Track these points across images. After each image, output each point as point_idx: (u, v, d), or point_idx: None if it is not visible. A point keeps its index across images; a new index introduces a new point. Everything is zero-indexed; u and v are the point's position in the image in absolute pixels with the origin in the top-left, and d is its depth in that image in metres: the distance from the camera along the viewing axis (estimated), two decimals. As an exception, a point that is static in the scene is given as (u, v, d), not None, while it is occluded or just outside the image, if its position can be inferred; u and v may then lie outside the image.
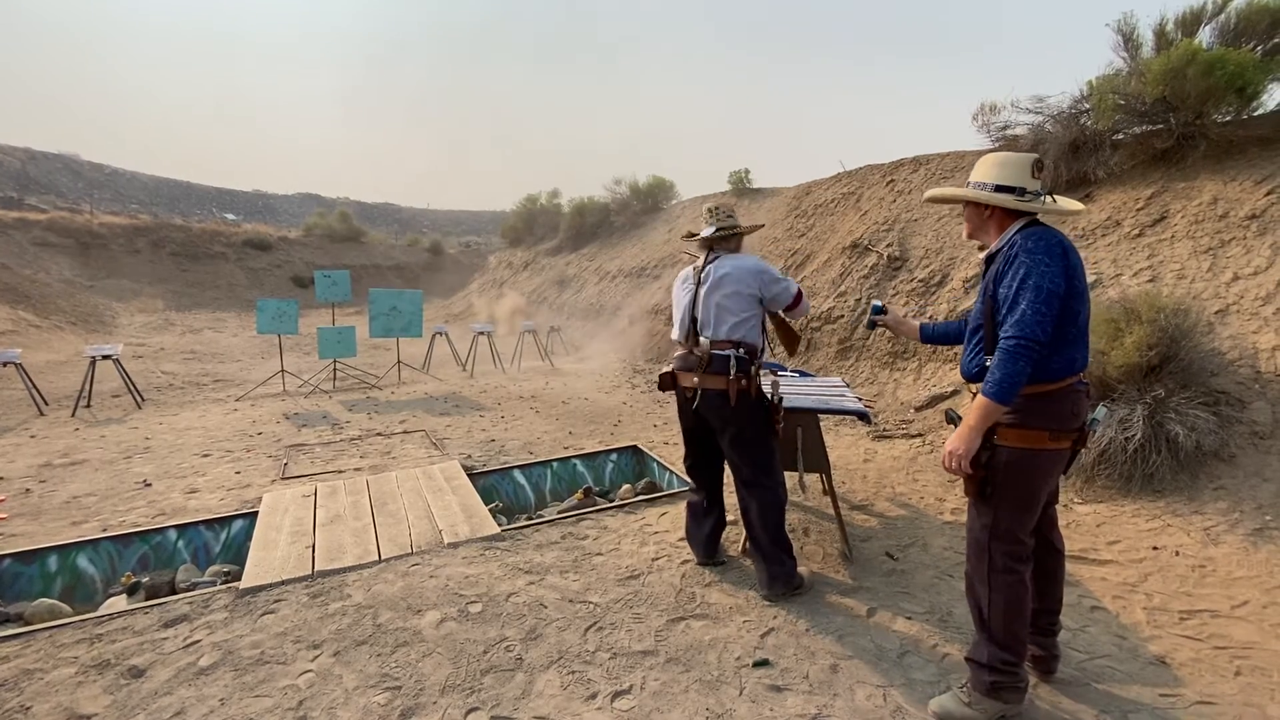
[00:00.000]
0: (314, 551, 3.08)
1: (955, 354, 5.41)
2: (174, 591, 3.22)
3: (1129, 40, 5.66)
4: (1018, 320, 1.66)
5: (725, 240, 2.67)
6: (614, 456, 4.81)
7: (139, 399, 7.03)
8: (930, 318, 5.86)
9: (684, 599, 2.69)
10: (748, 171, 11.78)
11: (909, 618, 2.51)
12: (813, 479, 4.05)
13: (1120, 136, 5.50)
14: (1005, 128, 6.35)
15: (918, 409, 5.12)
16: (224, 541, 3.59)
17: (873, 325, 2.57)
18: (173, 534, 3.51)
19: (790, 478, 4.07)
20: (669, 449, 4.98)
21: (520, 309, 13.92)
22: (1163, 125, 5.16)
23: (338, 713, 2.01)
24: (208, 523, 3.61)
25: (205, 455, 5.01)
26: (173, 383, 8.49)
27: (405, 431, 5.71)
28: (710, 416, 2.59)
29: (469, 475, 4.18)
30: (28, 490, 4.23)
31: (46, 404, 6.81)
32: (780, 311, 2.69)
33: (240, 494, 4.06)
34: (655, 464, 4.65)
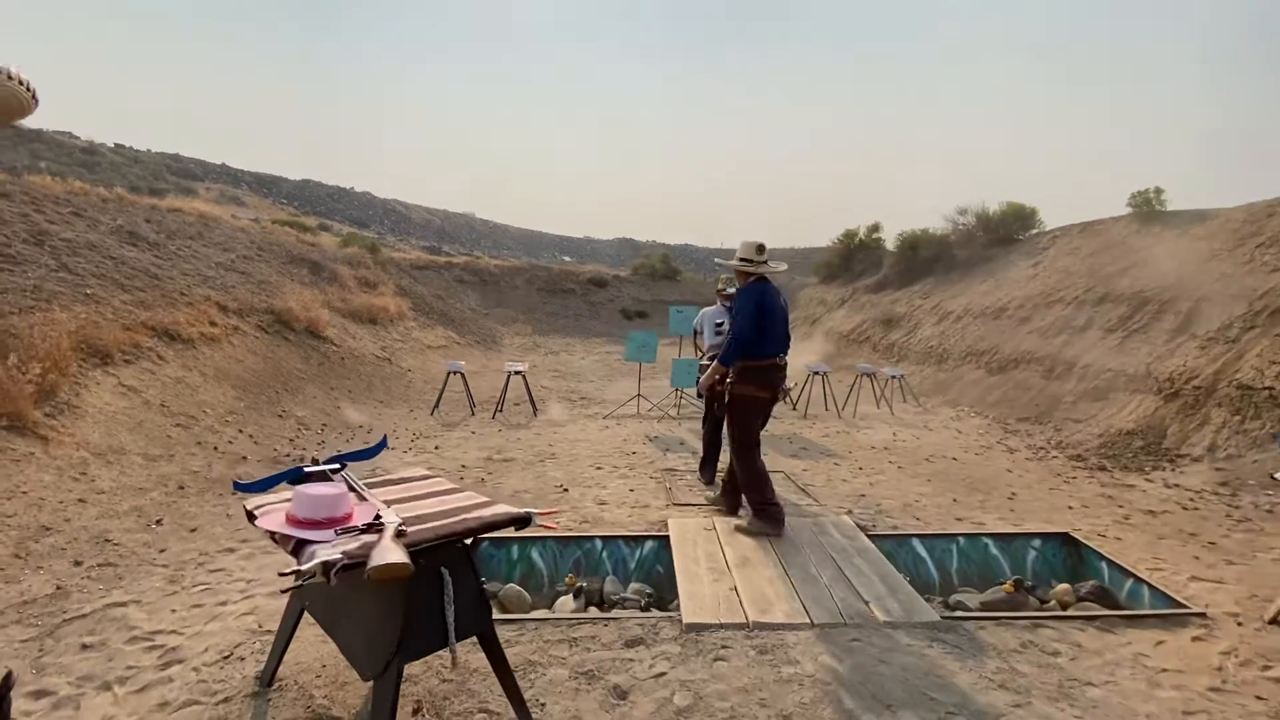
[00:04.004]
0: (739, 596, 3.00)
1: None
2: (602, 600, 3.48)
3: None
4: None
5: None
6: (1036, 542, 3.92)
7: (535, 408, 8.40)
8: None
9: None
10: (1159, 191, 9.32)
11: None
12: None
13: None
14: None
15: None
16: (637, 559, 3.81)
17: None
18: (598, 543, 3.85)
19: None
20: (1111, 543, 3.89)
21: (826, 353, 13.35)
22: None
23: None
24: (625, 538, 3.88)
25: (598, 468, 5.58)
26: (549, 396, 10.04)
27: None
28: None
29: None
30: (482, 480, 5.18)
31: (475, 405, 8.59)
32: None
33: (642, 513, 4.33)
34: (1104, 562, 3.63)
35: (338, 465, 2.67)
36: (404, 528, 1.89)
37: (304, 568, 1.63)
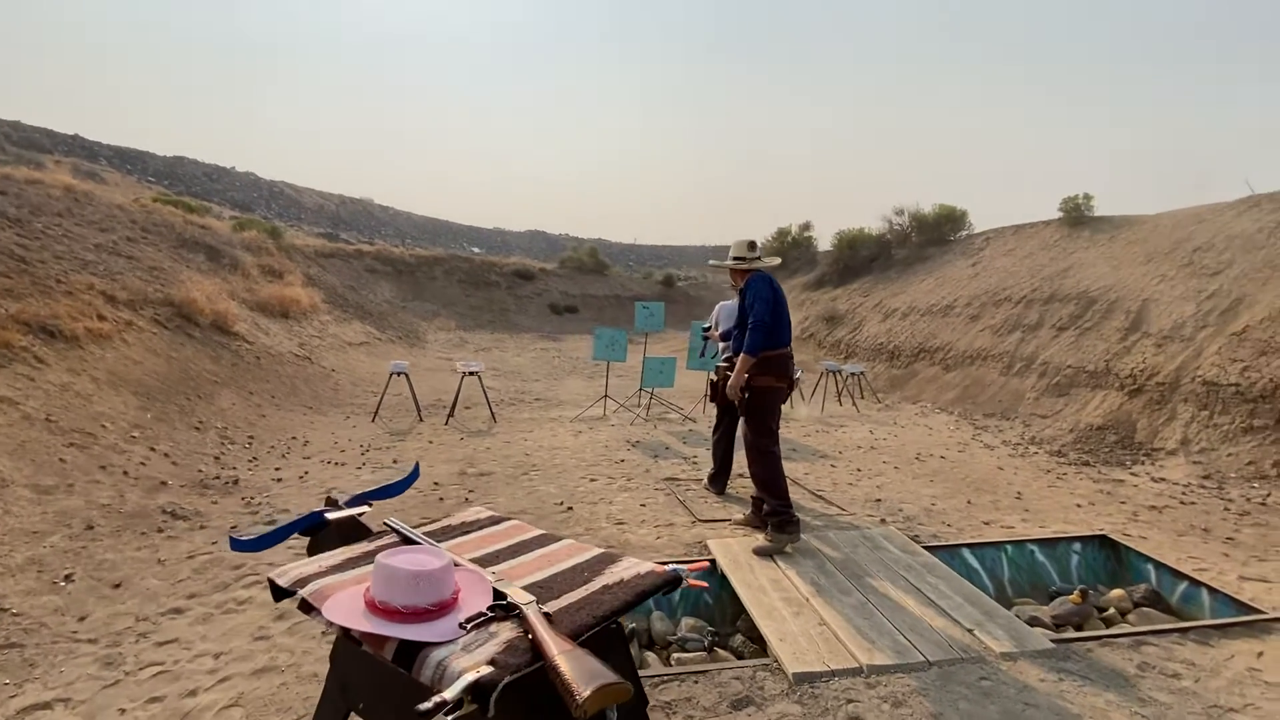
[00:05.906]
0: (834, 633, 2.64)
1: None
2: (651, 640, 3.04)
3: None
4: None
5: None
6: (1077, 547, 3.86)
7: (493, 413, 7.68)
8: None
9: None
10: (1088, 197, 9.97)
11: None
12: None
13: None
14: None
15: None
16: (681, 589, 3.36)
17: None
18: (636, 574, 3.36)
19: None
20: (1138, 543, 3.88)
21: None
22: None
23: None
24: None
25: (592, 480, 5.06)
26: (501, 398, 9.29)
27: (769, 476, 5.31)
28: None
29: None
30: (467, 500, 4.52)
31: (421, 409, 7.74)
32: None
33: (669, 533, 3.88)
34: (1149, 564, 3.60)
35: (365, 507, 2.06)
36: (546, 609, 1.36)
37: (449, 696, 1.07)
